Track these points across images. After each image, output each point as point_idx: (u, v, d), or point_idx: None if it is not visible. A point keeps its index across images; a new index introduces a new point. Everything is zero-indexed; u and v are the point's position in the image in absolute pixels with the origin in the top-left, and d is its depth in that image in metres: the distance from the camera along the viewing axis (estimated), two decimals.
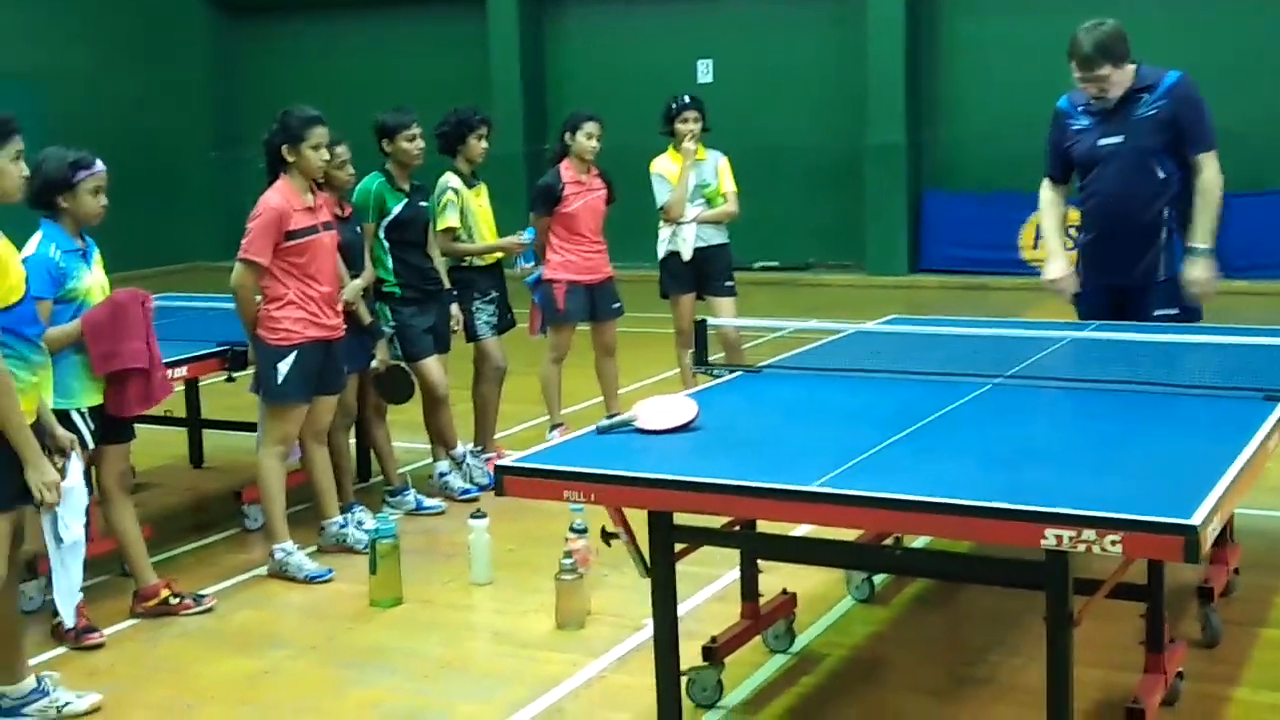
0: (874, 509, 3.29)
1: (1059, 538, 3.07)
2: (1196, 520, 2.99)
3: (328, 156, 5.62)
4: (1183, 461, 3.55)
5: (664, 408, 4.05)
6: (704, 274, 7.81)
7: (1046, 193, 5.91)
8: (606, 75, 15.99)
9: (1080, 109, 5.66)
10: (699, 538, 3.96)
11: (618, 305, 7.56)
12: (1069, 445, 3.83)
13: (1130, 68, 5.51)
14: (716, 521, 4.05)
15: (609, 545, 3.90)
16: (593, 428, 4.04)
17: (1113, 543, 3.02)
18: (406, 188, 6.48)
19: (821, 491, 3.33)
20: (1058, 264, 5.80)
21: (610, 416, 5.55)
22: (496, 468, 3.71)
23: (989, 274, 13.89)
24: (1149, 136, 5.49)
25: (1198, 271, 5.48)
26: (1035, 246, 13.63)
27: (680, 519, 3.75)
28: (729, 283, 7.87)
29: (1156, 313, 5.57)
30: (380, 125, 6.44)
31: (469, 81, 16.17)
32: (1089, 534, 3.04)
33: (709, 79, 15.83)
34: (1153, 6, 13.06)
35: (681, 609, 4.94)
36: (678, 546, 3.87)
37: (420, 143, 6.42)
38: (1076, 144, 5.66)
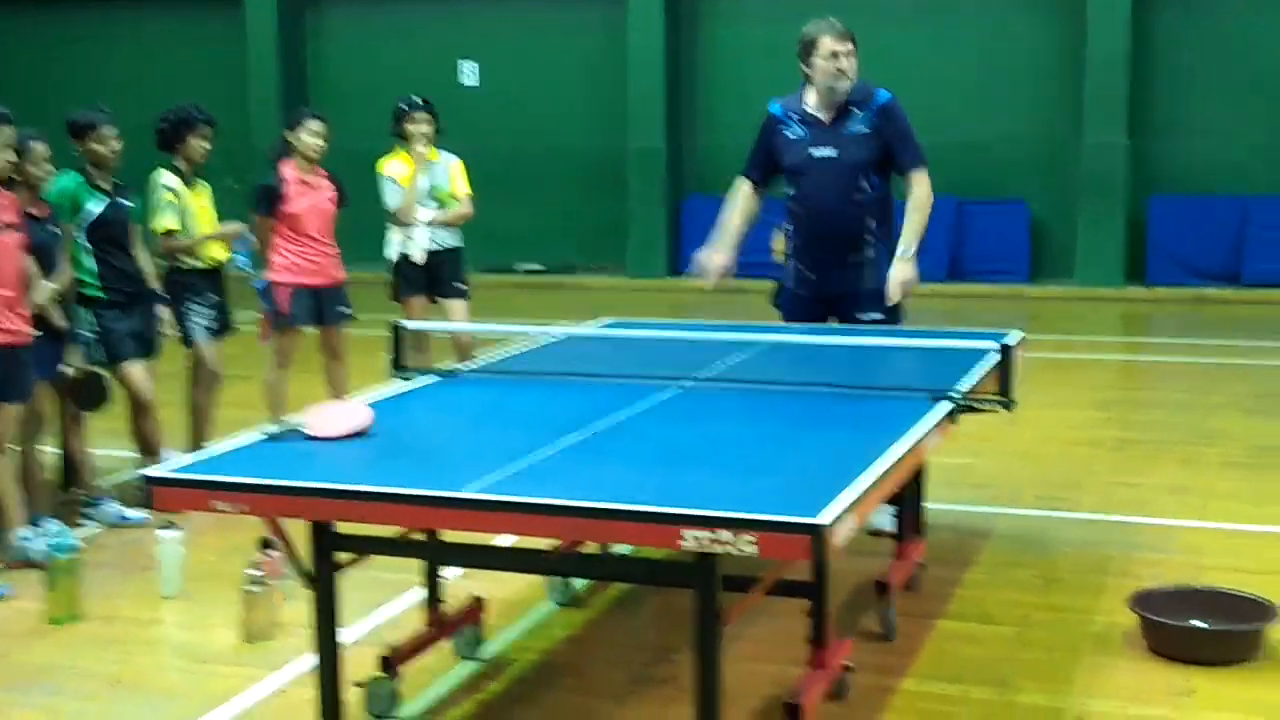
0: (522, 514, 3.27)
1: (697, 539, 3.11)
2: (825, 520, 3.06)
3: (14, 157, 5.39)
4: (831, 461, 3.63)
5: (336, 413, 3.98)
6: (436, 277, 7.75)
7: (743, 187, 5.99)
8: (368, 75, 15.80)
9: (794, 117, 5.79)
10: (364, 546, 3.90)
11: (347, 311, 7.42)
12: (734, 446, 3.87)
13: None
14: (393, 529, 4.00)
15: (268, 556, 3.81)
16: (259, 433, 3.94)
17: (749, 543, 3.07)
18: (107, 186, 6.25)
19: (471, 498, 3.30)
20: (713, 249, 5.91)
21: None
22: (144, 478, 3.58)
23: (745, 277, 14.09)
24: (860, 150, 5.67)
25: (904, 272, 5.65)
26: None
27: (351, 527, 3.69)
28: (461, 285, 7.83)
29: (861, 316, 5.75)
30: (70, 124, 6.20)
31: (225, 79, 15.80)
32: (726, 534, 3.08)
33: (474, 81, 15.78)
34: (908, 17, 13.55)
35: (377, 616, 4.95)
36: (346, 556, 3.82)
37: (115, 143, 6.20)
38: (789, 152, 5.79)
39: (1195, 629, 4.48)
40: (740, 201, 6.00)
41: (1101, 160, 13.31)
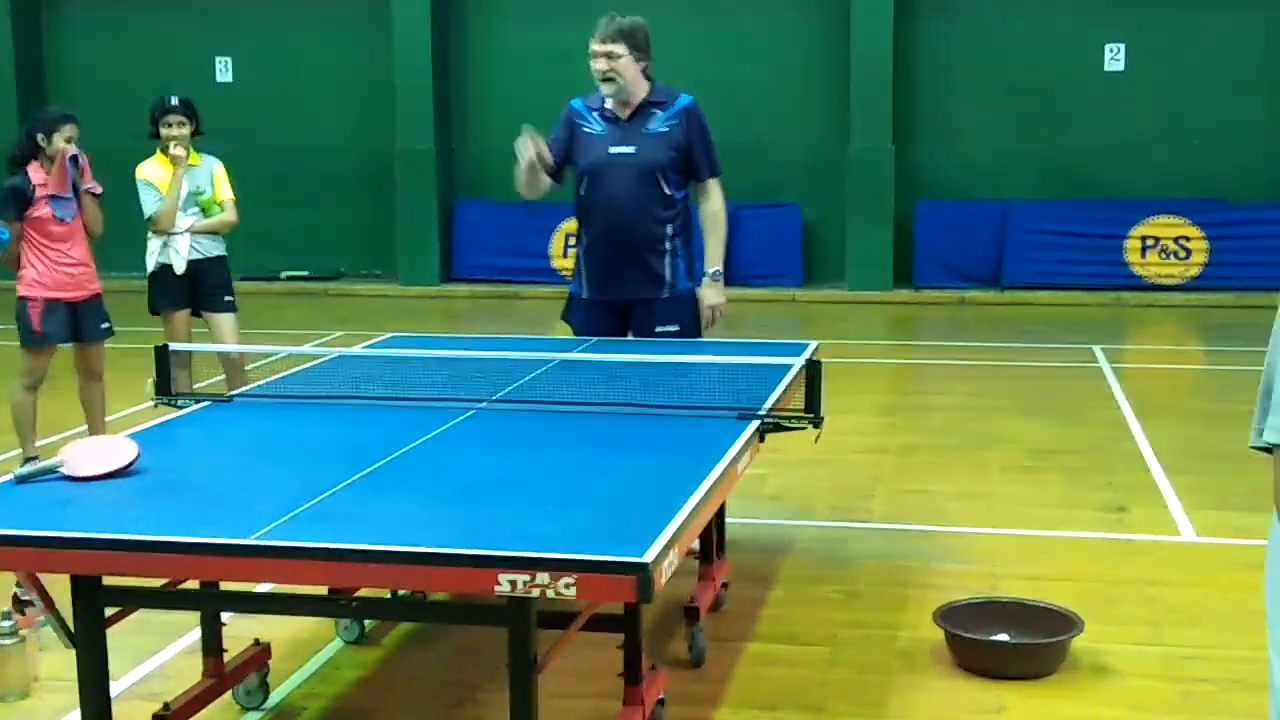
0: (320, 561, 2.97)
1: (513, 583, 2.87)
2: (649, 558, 2.87)
3: None
4: (647, 491, 3.44)
5: (97, 450, 3.59)
6: (199, 288, 7.29)
7: None
8: (114, 69, 14.95)
9: (595, 113, 5.58)
10: (135, 599, 3.52)
11: (106, 325, 6.89)
12: (540, 476, 3.65)
13: (643, 73, 5.51)
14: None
15: (23, 614, 3.40)
16: (10, 476, 3.52)
17: (567, 585, 2.86)
18: None
19: (260, 545, 2.99)
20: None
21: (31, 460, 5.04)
22: None
23: (521, 283, 13.92)
24: (660, 151, 5.50)
25: (714, 295, 5.63)
26: (564, 255, 13.78)
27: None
28: (228, 298, 7.38)
29: (658, 329, 5.59)
30: None
31: None
32: (543, 577, 2.86)
33: (228, 78, 15.09)
34: (679, 21, 13.47)
35: (150, 664, 4.55)
36: (111, 610, 3.44)
37: None
38: (587, 149, 5.56)
39: (1003, 644, 4.45)
40: None
41: (868, 165, 13.54)
